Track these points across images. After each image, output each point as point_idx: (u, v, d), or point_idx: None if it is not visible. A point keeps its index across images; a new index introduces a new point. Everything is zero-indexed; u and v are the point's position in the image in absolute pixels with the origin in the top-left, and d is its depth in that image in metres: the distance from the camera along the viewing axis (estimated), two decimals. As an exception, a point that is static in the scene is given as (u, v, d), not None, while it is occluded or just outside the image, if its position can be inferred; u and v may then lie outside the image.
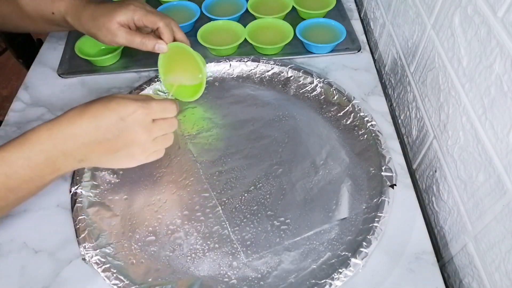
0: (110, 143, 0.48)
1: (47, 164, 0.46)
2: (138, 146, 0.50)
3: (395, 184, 0.55)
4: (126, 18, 0.60)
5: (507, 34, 0.40)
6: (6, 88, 1.81)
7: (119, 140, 0.49)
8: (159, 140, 0.52)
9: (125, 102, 0.48)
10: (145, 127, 0.50)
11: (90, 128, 0.47)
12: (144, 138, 0.50)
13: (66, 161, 0.48)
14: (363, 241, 0.50)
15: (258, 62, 0.71)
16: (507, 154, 0.41)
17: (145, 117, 0.49)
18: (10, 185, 0.45)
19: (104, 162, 0.51)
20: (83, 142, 0.47)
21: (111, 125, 0.48)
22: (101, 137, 0.48)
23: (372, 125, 0.62)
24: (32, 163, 0.46)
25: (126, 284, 0.48)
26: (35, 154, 0.46)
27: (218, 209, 0.55)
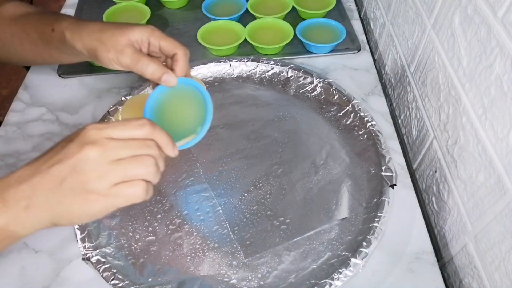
0: (50, 164, 0.37)
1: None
2: (87, 167, 0.37)
3: (395, 184, 0.55)
4: (141, 36, 0.50)
5: (507, 34, 0.40)
6: (6, 88, 1.81)
7: (60, 156, 0.37)
8: (129, 161, 0.38)
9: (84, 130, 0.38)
10: (95, 141, 0.37)
11: (32, 164, 0.39)
12: (93, 155, 0.37)
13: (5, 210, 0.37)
14: (363, 241, 0.50)
15: (258, 62, 0.71)
16: (507, 154, 0.41)
17: (95, 133, 0.38)
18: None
19: (55, 206, 0.38)
20: (24, 177, 0.38)
21: (54, 149, 0.39)
22: (41, 161, 0.38)
23: (372, 125, 0.62)
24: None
25: (126, 284, 0.48)
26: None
27: (218, 209, 0.55)
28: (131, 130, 0.39)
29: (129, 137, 0.39)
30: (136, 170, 0.38)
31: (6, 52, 0.61)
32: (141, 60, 0.49)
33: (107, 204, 0.38)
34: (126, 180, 0.38)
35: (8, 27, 0.59)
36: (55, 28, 0.54)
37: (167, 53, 0.51)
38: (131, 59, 0.49)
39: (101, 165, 0.37)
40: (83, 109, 0.69)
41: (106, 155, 0.37)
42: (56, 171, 0.37)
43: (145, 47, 0.51)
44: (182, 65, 0.50)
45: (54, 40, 0.55)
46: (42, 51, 0.58)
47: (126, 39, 0.50)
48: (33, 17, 0.58)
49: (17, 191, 0.37)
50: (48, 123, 0.67)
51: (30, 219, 0.38)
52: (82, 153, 0.37)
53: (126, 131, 0.39)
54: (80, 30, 0.52)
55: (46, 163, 0.38)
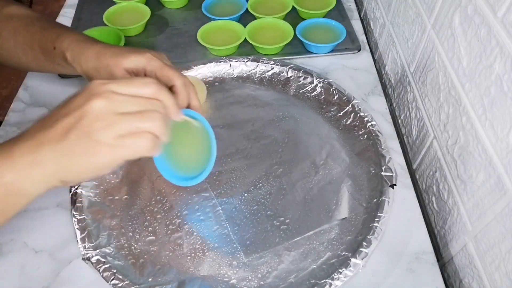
0: (57, 118, 0.37)
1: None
2: (92, 117, 0.36)
3: (395, 184, 0.55)
4: (137, 65, 0.48)
5: (507, 34, 0.40)
6: (6, 88, 1.81)
7: (67, 109, 0.37)
8: (134, 116, 0.38)
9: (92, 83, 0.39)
10: (101, 93, 0.37)
11: (39, 122, 0.39)
12: (99, 105, 0.37)
13: (12, 166, 0.37)
14: (363, 241, 0.50)
15: (258, 62, 0.71)
16: (507, 154, 0.41)
17: (101, 87, 0.38)
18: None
19: (61, 160, 0.37)
20: (30, 134, 0.38)
21: (60, 106, 0.39)
22: (48, 116, 0.38)
23: (372, 125, 0.62)
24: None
25: (126, 284, 0.48)
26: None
27: (218, 209, 0.55)
28: (137, 87, 0.39)
29: (135, 94, 0.39)
30: (143, 122, 0.38)
31: (10, 60, 0.61)
32: None
33: (114, 155, 0.37)
34: (132, 131, 0.37)
35: (12, 37, 0.58)
36: (56, 46, 0.53)
37: (164, 84, 0.47)
38: None
39: (108, 115, 0.37)
40: (83, 109, 0.69)
41: (112, 106, 0.37)
42: (61, 124, 0.37)
43: (142, 75, 0.49)
44: (181, 97, 0.47)
45: (56, 58, 0.54)
46: (45, 64, 0.58)
47: (121, 70, 0.49)
48: (36, 28, 0.57)
49: (22, 147, 0.37)
50: (48, 123, 0.67)
51: (37, 174, 0.37)
52: (88, 104, 0.36)
53: (132, 88, 0.39)
54: (80, 54, 0.51)
55: (52, 118, 0.38)
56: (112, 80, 0.39)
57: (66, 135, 0.36)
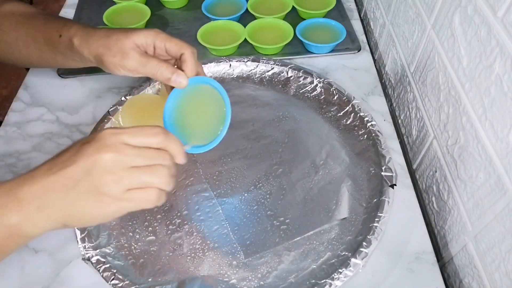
0: (65, 165, 0.38)
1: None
2: (102, 171, 0.37)
3: (395, 184, 0.55)
4: (146, 40, 0.50)
5: (507, 34, 0.40)
6: (6, 88, 1.81)
7: (75, 158, 0.38)
8: (143, 170, 0.39)
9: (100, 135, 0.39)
10: (112, 146, 0.38)
11: (46, 164, 0.39)
12: (109, 160, 0.37)
13: (18, 209, 0.37)
14: (363, 241, 0.50)
15: (258, 62, 0.71)
16: (507, 154, 0.41)
17: (112, 138, 0.38)
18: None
19: (68, 207, 0.38)
20: (37, 178, 0.38)
21: (69, 149, 0.39)
22: (56, 162, 0.38)
23: (372, 125, 0.62)
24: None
25: (126, 284, 0.48)
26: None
27: (218, 209, 0.55)
28: (146, 138, 0.40)
29: (144, 145, 0.40)
30: (151, 178, 0.39)
31: (9, 54, 0.61)
32: (149, 62, 0.49)
33: (120, 208, 0.38)
34: (140, 187, 0.39)
35: (13, 30, 0.58)
36: (62, 34, 0.54)
37: (174, 54, 0.51)
38: (138, 62, 0.49)
39: (117, 169, 0.37)
40: (83, 109, 0.69)
41: (122, 160, 0.38)
42: (70, 173, 0.37)
43: (151, 50, 0.51)
44: (190, 65, 0.49)
45: (61, 46, 0.55)
46: (47, 55, 0.58)
47: (131, 43, 0.50)
48: (39, 21, 0.58)
49: (30, 191, 0.37)
50: (48, 123, 0.67)
51: (42, 219, 0.38)
52: (98, 156, 0.37)
53: (142, 139, 0.39)
54: (88, 37, 0.52)
55: (60, 164, 0.38)
56: (123, 130, 0.39)
57: (74, 186, 0.37)
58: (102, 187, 0.37)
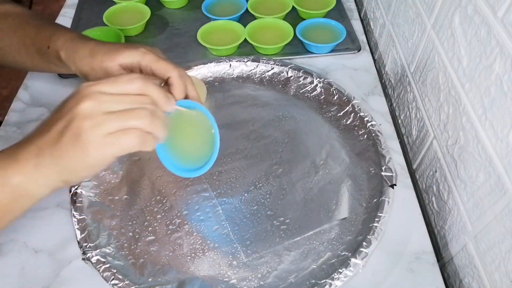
0: (52, 123, 0.39)
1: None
2: (80, 117, 0.38)
3: (395, 184, 0.55)
4: (131, 60, 0.48)
5: (507, 34, 0.40)
6: (6, 88, 1.81)
7: (59, 114, 0.39)
8: (123, 114, 0.39)
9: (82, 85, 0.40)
10: (89, 95, 0.39)
11: (39, 126, 0.41)
12: (87, 106, 0.38)
13: (18, 169, 0.40)
14: (363, 241, 0.50)
15: (258, 62, 0.71)
16: (507, 154, 0.41)
17: (89, 89, 0.39)
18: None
19: (59, 161, 0.39)
20: (32, 139, 0.40)
21: (55, 110, 0.41)
22: (45, 122, 0.41)
23: (372, 125, 0.62)
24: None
25: (126, 284, 0.48)
26: None
27: (218, 209, 0.55)
28: (123, 85, 0.40)
29: (122, 92, 0.40)
30: (129, 120, 0.39)
31: (5, 59, 0.61)
32: None
33: (104, 152, 0.39)
34: (120, 129, 0.39)
35: (7, 36, 0.58)
36: (50, 45, 0.54)
37: (160, 76, 0.48)
38: None
39: (96, 115, 0.38)
40: (83, 109, 0.69)
41: (99, 106, 0.38)
42: (55, 128, 0.39)
43: (137, 70, 0.49)
44: (178, 89, 0.47)
45: (50, 57, 0.54)
46: (39, 63, 0.58)
47: (115, 66, 0.49)
48: (31, 28, 0.57)
49: (26, 151, 0.40)
50: (48, 123, 0.67)
51: (41, 177, 0.40)
52: (77, 106, 0.38)
53: (118, 86, 0.40)
54: (74, 53, 0.51)
55: (48, 122, 0.40)
56: (99, 81, 0.40)
57: (59, 138, 0.39)
58: (82, 135, 0.38)
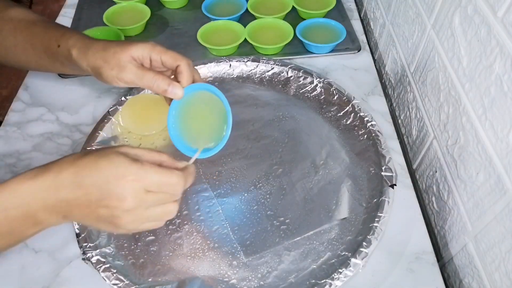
0: (92, 206, 0.41)
1: (26, 218, 0.41)
2: (125, 214, 0.41)
3: (395, 184, 0.55)
4: (142, 52, 0.52)
5: (507, 34, 0.40)
6: (6, 88, 1.81)
7: (101, 204, 0.40)
8: (157, 209, 0.43)
9: (118, 162, 0.41)
10: (136, 196, 0.41)
11: (73, 184, 0.41)
12: (132, 205, 0.41)
13: (49, 217, 0.41)
14: (363, 241, 0.50)
15: (258, 62, 0.71)
16: (507, 154, 0.41)
17: (135, 186, 0.41)
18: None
19: (90, 224, 0.45)
20: (65, 197, 0.41)
21: (95, 186, 0.40)
22: (82, 197, 0.41)
23: (372, 125, 0.62)
24: (9, 215, 0.40)
25: (126, 284, 0.48)
26: (14, 206, 0.40)
27: (218, 209, 0.55)
28: (168, 188, 0.42)
29: (161, 191, 0.42)
30: (162, 216, 0.44)
31: (8, 58, 0.61)
32: (145, 75, 0.51)
33: (130, 231, 0.45)
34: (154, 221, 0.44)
35: (12, 36, 0.59)
36: (61, 44, 0.55)
37: (170, 66, 0.52)
38: (135, 75, 0.51)
39: (136, 214, 0.42)
40: (83, 109, 0.69)
41: (141, 207, 0.42)
42: (93, 205, 0.41)
43: (147, 62, 0.53)
44: (186, 75, 0.51)
45: (59, 56, 0.56)
46: (45, 62, 0.59)
47: (128, 56, 0.51)
48: (39, 28, 0.58)
49: (58, 205, 0.41)
50: (48, 123, 0.67)
51: (63, 222, 0.43)
52: (121, 205, 0.40)
53: (164, 187, 0.42)
54: (86, 49, 0.53)
55: (85, 189, 0.40)
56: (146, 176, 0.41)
57: (97, 217, 0.42)
58: (121, 225, 0.42)
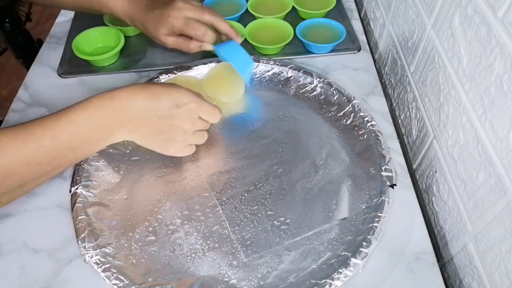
0: (158, 123, 0.52)
1: (104, 129, 0.50)
2: (180, 133, 0.54)
3: (395, 184, 0.55)
4: (168, 29, 0.65)
5: (507, 34, 0.40)
6: (6, 88, 1.81)
7: (167, 122, 0.53)
8: (197, 135, 0.57)
9: (183, 92, 0.53)
10: (192, 120, 0.54)
11: (146, 104, 0.51)
12: (188, 127, 0.54)
13: (118, 130, 0.51)
14: (363, 241, 0.50)
15: (258, 62, 0.71)
16: (507, 154, 0.41)
17: (195, 111, 0.54)
18: (72, 144, 0.49)
19: (146, 141, 0.55)
20: (136, 115, 0.51)
21: (165, 107, 0.52)
22: (153, 115, 0.52)
23: (372, 125, 0.62)
24: (93, 125, 0.49)
25: (126, 284, 0.48)
26: (97, 118, 0.49)
27: (218, 209, 0.55)
28: (212, 117, 0.56)
29: (205, 119, 0.56)
30: (200, 141, 0.58)
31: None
32: (180, 44, 0.68)
33: (171, 153, 0.57)
34: (191, 144, 0.58)
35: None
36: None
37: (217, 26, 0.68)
38: (174, 43, 0.68)
39: (188, 133, 0.55)
40: (83, 109, 0.69)
41: (193, 129, 0.55)
42: (157, 124, 0.53)
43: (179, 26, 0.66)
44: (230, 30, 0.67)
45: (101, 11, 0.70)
46: (79, 2, 0.70)
47: (162, 35, 0.67)
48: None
49: (128, 119, 0.51)
50: (48, 123, 0.67)
51: (125, 138, 0.53)
52: (181, 125, 0.54)
53: (210, 117, 0.56)
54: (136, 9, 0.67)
55: (152, 112, 0.52)
56: (203, 106, 0.55)
57: (158, 133, 0.54)
58: (172, 141, 0.55)
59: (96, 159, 0.60)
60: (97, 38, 0.77)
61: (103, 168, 0.59)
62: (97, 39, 0.76)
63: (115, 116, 0.50)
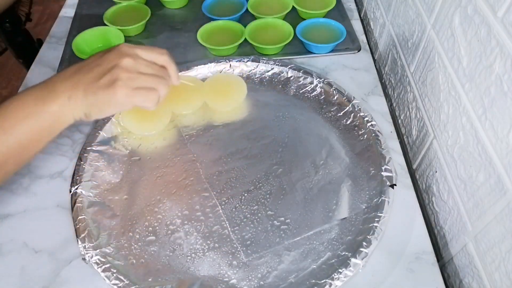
0: (93, 69, 0.48)
1: (39, 98, 0.47)
2: (121, 71, 0.48)
3: (395, 184, 0.55)
4: None
5: (507, 34, 0.40)
6: (6, 88, 1.81)
7: (103, 66, 0.48)
8: (150, 78, 0.50)
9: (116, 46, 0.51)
10: (130, 55, 0.49)
11: (75, 66, 0.50)
12: (128, 63, 0.49)
13: (56, 97, 0.47)
14: (363, 241, 0.50)
15: (258, 62, 0.71)
16: (507, 154, 0.41)
17: (128, 49, 0.50)
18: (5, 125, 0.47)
19: (90, 99, 0.48)
20: (68, 76, 0.48)
21: (96, 57, 0.50)
22: (85, 68, 0.49)
23: (372, 125, 0.62)
24: (26, 99, 0.48)
25: (126, 284, 0.48)
26: (28, 92, 0.48)
27: (218, 209, 0.55)
28: (155, 55, 0.52)
29: (152, 60, 0.51)
30: (155, 84, 0.50)
31: None
32: None
33: (128, 100, 0.49)
34: (146, 87, 0.50)
35: None
36: None
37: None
38: None
39: (132, 71, 0.49)
40: (83, 109, 0.69)
41: (136, 66, 0.49)
42: (95, 71, 0.48)
43: None
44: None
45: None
46: None
47: None
48: None
49: (63, 85, 0.48)
50: (48, 123, 0.67)
51: (71, 108, 0.48)
52: (120, 60, 0.49)
53: (151, 55, 0.51)
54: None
55: (86, 66, 0.49)
56: (138, 46, 0.51)
57: (98, 79, 0.48)
58: (118, 82, 0.48)
59: (96, 159, 0.60)
60: (97, 38, 0.77)
61: (103, 168, 0.59)
62: (97, 39, 0.76)
63: (48, 85, 0.48)
